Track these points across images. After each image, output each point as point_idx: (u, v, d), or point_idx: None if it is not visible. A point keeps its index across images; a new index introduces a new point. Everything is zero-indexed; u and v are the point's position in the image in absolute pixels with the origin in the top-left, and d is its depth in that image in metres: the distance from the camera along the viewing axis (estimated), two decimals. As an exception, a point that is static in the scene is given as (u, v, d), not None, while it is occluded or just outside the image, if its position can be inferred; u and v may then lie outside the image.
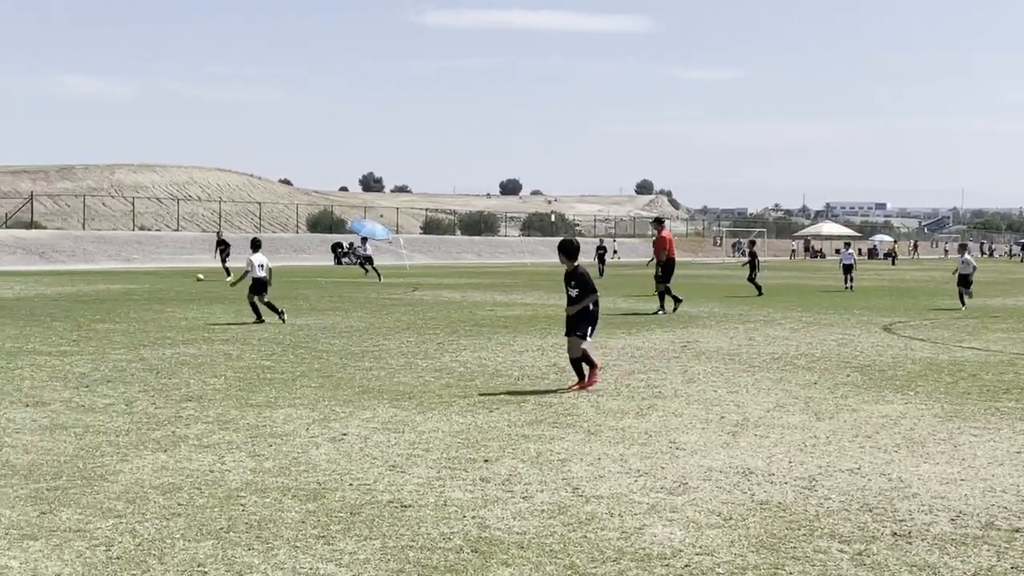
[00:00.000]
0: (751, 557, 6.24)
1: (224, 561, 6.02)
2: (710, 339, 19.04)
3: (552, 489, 7.79)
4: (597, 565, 6.04)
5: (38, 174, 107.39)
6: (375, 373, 13.93)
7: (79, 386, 12.50)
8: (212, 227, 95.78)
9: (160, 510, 7.07)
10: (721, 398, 12.21)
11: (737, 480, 8.18)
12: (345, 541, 6.43)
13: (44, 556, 6.05)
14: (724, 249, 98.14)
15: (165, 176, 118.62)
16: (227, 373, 13.72)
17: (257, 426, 10.11)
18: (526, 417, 10.77)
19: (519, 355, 16.15)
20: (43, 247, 62.53)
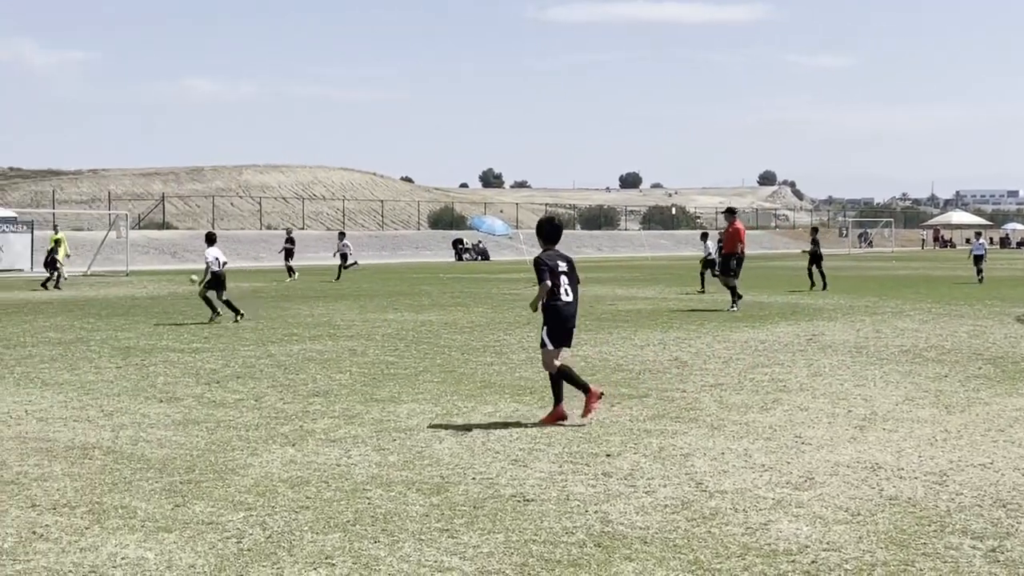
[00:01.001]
0: (880, 553, 6.12)
1: (351, 553, 6.11)
2: (836, 332, 18.71)
3: (675, 484, 7.75)
4: (722, 561, 5.99)
5: (169, 176, 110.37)
6: (496, 368, 14.00)
7: (210, 382, 12.82)
8: (336, 225, 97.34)
9: (289, 503, 7.22)
10: (848, 392, 11.99)
11: (865, 475, 8.03)
12: (469, 534, 6.48)
13: (178, 548, 6.23)
14: (850, 240, 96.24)
15: (290, 176, 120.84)
16: (352, 369, 13.93)
17: (381, 421, 10.25)
18: (648, 412, 10.72)
19: (640, 349, 16.07)
20: (174, 247, 64.27)
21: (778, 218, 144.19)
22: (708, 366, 14.12)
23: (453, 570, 5.83)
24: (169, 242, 65.89)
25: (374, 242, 77.93)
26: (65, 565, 5.89)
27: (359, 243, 76.11)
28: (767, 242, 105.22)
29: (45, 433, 9.65)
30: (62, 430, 9.80)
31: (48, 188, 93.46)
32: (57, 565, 5.89)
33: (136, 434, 9.63)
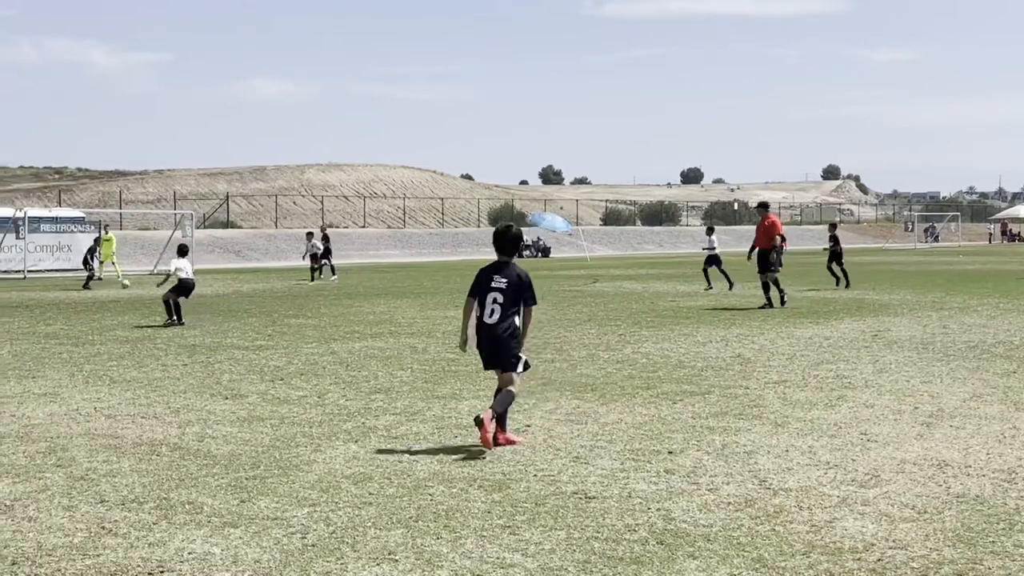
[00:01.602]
0: (947, 552, 6.04)
1: (414, 549, 6.15)
2: (902, 327, 18.48)
3: (738, 481, 7.70)
4: (786, 559, 5.94)
5: (233, 176, 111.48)
6: (557, 365, 14.00)
7: (274, 379, 12.94)
8: (397, 223, 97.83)
9: (352, 499, 7.27)
10: (914, 388, 11.84)
11: (932, 472, 7.93)
12: (531, 531, 6.48)
13: (244, 543, 6.30)
14: (916, 234, 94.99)
15: (352, 175, 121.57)
16: (413, 366, 13.99)
17: (443, 417, 10.29)
18: (710, 409, 10.67)
19: (702, 346, 15.99)
20: (239, 245, 64.97)
21: (842, 213, 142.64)
22: (771, 363, 14.01)
23: (515, 567, 5.84)
24: (233, 241, 66.62)
25: (434, 240, 78.23)
26: (133, 560, 5.98)
27: (420, 241, 76.55)
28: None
29: (113, 430, 9.80)
30: (130, 427, 9.95)
31: (115, 188, 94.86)
32: (126, 560, 5.99)
33: (202, 431, 9.75)
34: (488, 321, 8.88)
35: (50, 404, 11.21)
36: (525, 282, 8.93)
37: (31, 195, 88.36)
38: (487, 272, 8.99)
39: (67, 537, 6.42)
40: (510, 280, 8.88)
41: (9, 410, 10.83)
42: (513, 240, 9.16)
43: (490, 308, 8.86)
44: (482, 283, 8.96)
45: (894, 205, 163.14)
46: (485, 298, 8.91)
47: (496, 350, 8.93)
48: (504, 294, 8.86)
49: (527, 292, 8.93)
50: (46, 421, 10.24)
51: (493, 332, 8.87)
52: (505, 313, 8.85)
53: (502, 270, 8.94)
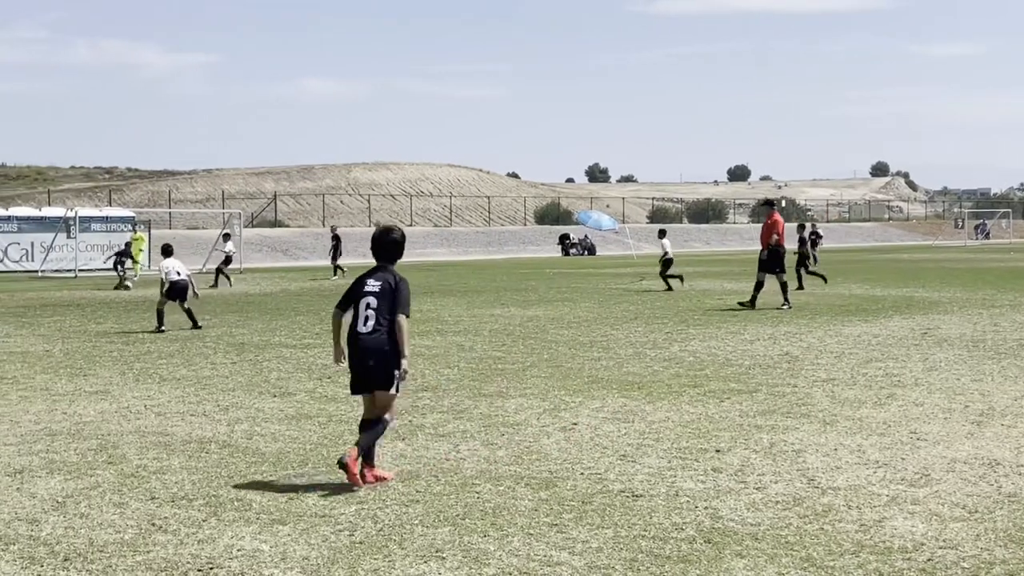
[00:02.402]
0: (998, 551, 5.97)
1: (461, 547, 6.16)
2: (952, 325, 18.29)
3: (787, 480, 7.65)
4: (835, 558, 5.90)
5: (280, 175, 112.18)
6: (604, 363, 13.98)
7: (322, 377, 13.01)
8: (444, 222, 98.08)
9: (399, 496, 7.30)
10: (965, 387, 11.72)
11: (983, 472, 7.84)
12: (578, 529, 6.48)
13: (292, 540, 6.34)
14: (966, 231, 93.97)
15: (398, 173, 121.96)
16: (460, 364, 14.02)
17: (490, 415, 10.30)
18: (758, 407, 10.61)
19: (750, 344, 15.90)
20: (286, 244, 65.40)
21: (891, 210, 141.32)
22: (819, 361, 13.91)
23: (562, 565, 5.84)
24: (280, 240, 67.09)
25: (481, 238, 78.35)
26: (183, 556, 6.04)
27: (466, 239, 76.70)
28: (880, 234, 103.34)
29: (163, 427, 9.90)
30: (179, 424, 10.04)
31: (164, 188, 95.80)
32: (175, 556, 6.05)
33: (251, 428, 9.83)
34: (361, 330, 7.80)
35: (101, 402, 11.35)
36: (398, 287, 7.87)
37: (82, 195, 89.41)
38: (361, 278, 8.03)
39: (118, 534, 6.49)
40: (383, 284, 7.88)
41: (61, 408, 10.97)
42: (390, 245, 8.10)
43: (363, 315, 7.82)
44: (355, 290, 7.97)
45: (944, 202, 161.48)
46: (358, 305, 7.88)
47: (367, 364, 7.75)
48: (378, 298, 7.83)
49: (399, 299, 7.84)
50: (97, 419, 10.36)
51: (366, 343, 7.76)
52: (380, 321, 7.77)
53: (376, 274, 8.00)
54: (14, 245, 46.08)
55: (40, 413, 10.67)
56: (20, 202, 70.42)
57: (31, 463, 8.43)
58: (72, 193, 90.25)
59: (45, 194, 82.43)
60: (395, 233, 8.22)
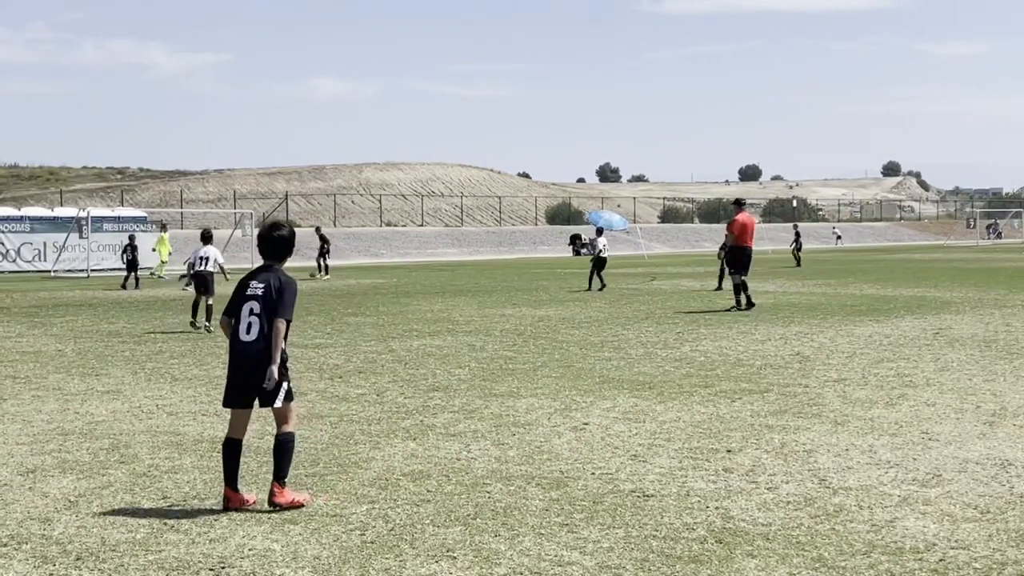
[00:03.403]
0: (1010, 552, 5.95)
1: (472, 547, 6.17)
2: (964, 325, 18.24)
3: (798, 480, 7.64)
4: (846, 558, 5.89)
5: (292, 175, 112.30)
6: (615, 363, 13.97)
7: (333, 377, 13.03)
8: (455, 222, 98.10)
9: (410, 496, 7.31)
10: (977, 387, 11.69)
11: (995, 472, 7.82)
12: (589, 529, 6.48)
13: (304, 539, 6.35)
14: (977, 231, 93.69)
15: (409, 173, 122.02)
16: (471, 364, 14.03)
17: (501, 415, 10.30)
18: (769, 407, 10.60)
19: (761, 344, 15.88)
20: (297, 244, 65.17)
21: (903, 210, 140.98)
22: (831, 361, 13.89)
23: (573, 564, 5.84)
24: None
25: (492, 238, 78.36)
26: (195, 556, 6.06)
27: (477, 239, 76.72)
28: (892, 234, 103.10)
29: (175, 427, 9.92)
30: (191, 424, 10.07)
31: (176, 188, 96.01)
32: (187, 556, 6.06)
33: (262, 428, 9.83)
34: (244, 338, 7.11)
35: (113, 401, 11.38)
36: (282, 288, 7.21)
37: (94, 195, 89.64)
38: (244, 280, 7.36)
39: (130, 533, 6.51)
40: (266, 286, 7.19)
41: (73, 407, 11.01)
42: (277, 243, 7.46)
43: (246, 322, 7.12)
44: (238, 294, 7.27)
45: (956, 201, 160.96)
46: (241, 310, 7.17)
47: (249, 376, 7.10)
48: (261, 302, 7.13)
49: (281, 302, 7.15)
50: (109, 418, 10.39)
51: (248, 352, 7.09)
52: (263, 328, 7.10)
53: (260, 275, 7.32)
54: (27, 245, 46.22)
55: (52, 413, 10.70)
56: (33, 202, 70.70)
57: (44, 462, 8.46)
58: (84, 193, 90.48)
59: (57, 194, 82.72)
60: (283, 230, 7.54)
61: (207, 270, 19.24)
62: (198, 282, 19.36)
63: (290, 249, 7.54)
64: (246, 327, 7.12)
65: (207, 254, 19.36)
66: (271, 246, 7.42)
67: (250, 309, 7.15)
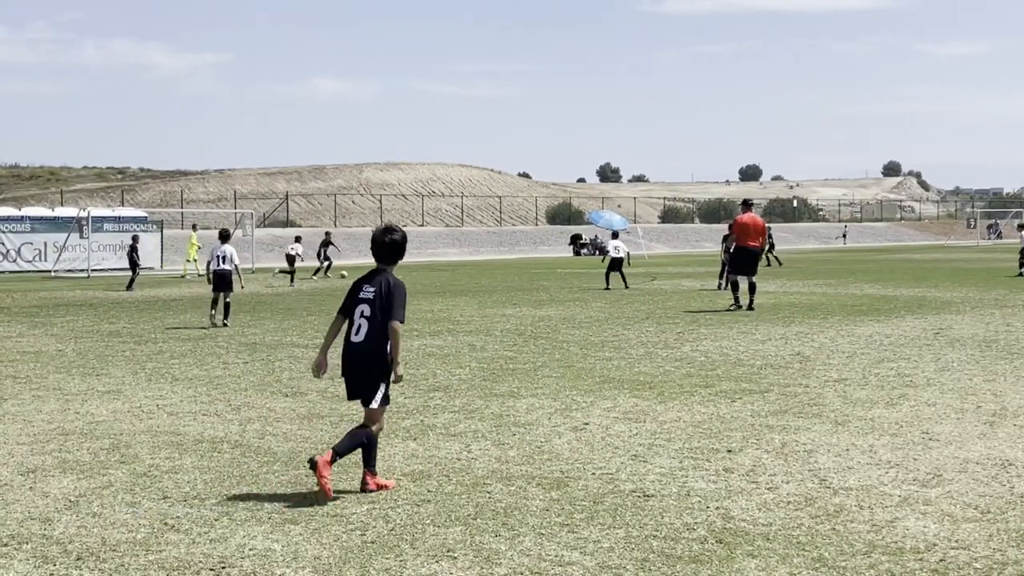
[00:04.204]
0: (1011, 552, 5.95)
1: (472, 547, 6.17)
2: (965, 325, 18.24)
3: (798, 480, 7.64)
4: (847, 558, 5.89)
5: (292, 175, 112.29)
6: (615, 363, 13.97)
7: (334, 377, 12.98)
8: (455, 222, 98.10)
9: (411, 496, 7.31)
10: (977, 387, 11.69)
11: (995, 472, 7.82)
12: (589, 529, 6.48)
13: (304, 539, 6.35)
14: (978, 231, 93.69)
15: (410, 173, 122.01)
16: (471, 364, 14.03)
17: (501, 415, 10.30)
18: (770, 407, 10.60)
19: (761, 344, 15.88)
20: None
21: (903, 210, 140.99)
22: (831, 361, 13.89)
23: (574, 564, 5.84)
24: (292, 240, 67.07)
25: (492, 238, 78.36)
26: (195, 556, 6.06)
27: (478, 239, 76.71)
28: (892, 234, 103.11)
29: (175, 427, 9.92)
30: (191, 424, 10.07)
31: (176, 188, 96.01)
32: (188, 556, 6.06)
33: (263, 428, 9.85)
34: (353, 339, 7.53)
35: (113, 401, 11.38)
36: (391, 291, 7.44)
37: (94, 195, 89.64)
38: (358, 282, 7.65)
39: (130, 533, 6.51)
40: (378, 289, 7.46)
41: (74, 407, 11.01)
42: (390, 247, 7.65)
43: (357, 323, 7.51)
44: (352, 295, 7.60)
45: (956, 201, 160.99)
46: (353, 312, 7.55)
47: (357, 375, 7.56)
48: (372, 306, 7.44)
49: (392, 304, 7.41)
50: (110, 418, 10.39)
51: (355, 352, 7.53)
52: (373, 330, 7.43)
53: (373, 279, 7.58)
54: (27, 245, 46.23)
55: (53, 412, 10.70)
56: (33, 202, 70.72)
57: (44, 462, 8.46)
58: (85, 193, 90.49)
59: (58, 194, 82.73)
60: (396, 234, 7.73)
61: (225, 268, 19.84)
62: (216, 280, 19.87)
63: (402, 252, 7.75)
64: (356, 329, 7.50)
65: (224, 252, 20.01)
66: (384, 250, 7.66)
67: (361, 312, 7.49)
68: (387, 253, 7.65)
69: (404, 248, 7.77)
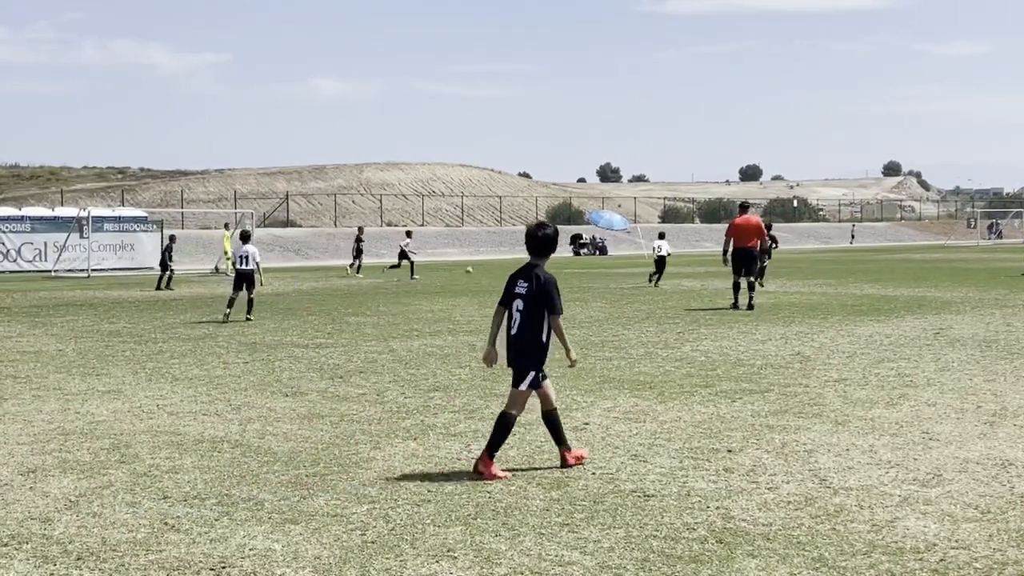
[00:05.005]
0: (1011, 552, 5.96)
1: (473, 547, 6.17)
2: (965, 325, 18.24)
3: (798, 480, 7.64)
4: (847, 558, 5.89)
5: (292, 175, 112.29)
6: (615, 363, 13.97)
7: (334, 377, 13.03)
8: (455, 222, 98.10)
9: (411, 496, 7.31)
10: (977, 387, 11.69)
11: (995, 472, 7.82)
12: (589, 529, 6.48)
13: (304, 539, 6.35)
14: (978, 231, 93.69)
15: (410, 173, 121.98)
16: (471, 364, 14.03)
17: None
18: (770, 407, 10.60)
19: (762, 344, 15.88)
20: (298, 244, 65.47)
21: (903, 209, 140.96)
22: (831, 361, 13.89)
23: (574, 564, 5.84)
24: (292, 240, 67.14)
25: (492, 238, 78.34)
26: (195, 556, 6.06)
27: (478, 239, 76.72)
28: (892, 234, 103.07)
29: (176, 427, 9.93)
30: (192, 424, 10.07)
31: (177, 188, 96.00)
32: (188, 556, 6.06)
33: (263, 428, 9.85)
34: (511, 333, 8.09)
35: (114, 401, 11.38)
36: (543, 287, 7.97)
37: (94, 195, 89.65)
38: (513, 277, 8.19)
39: (130, 533, 6.51)
40: (531, 285, 8.00)
41: (74, 407, 11.01)
42: (543, 241, 8.15)
43: (513, 317, 8.09)
44: (508, 290, 8.15)
45: (956, 201, 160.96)
46: (511, 307, 8.12)
47: (515, 365, 8.11)
48: (524, 300, 8.00)
49: (545, 298, 7.96)
50: (110, 418, 10.40)
51: (512, 344, 8.09)
52: (525, 322, 7.99)
53: (526, 274, 8.11)
54: (27, 245, 46.20)
55: (53, 412, 10.70)
56: (33, 202, 70.68)
57: (44, 462, 8.46)
58: (85, 193, 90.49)
59: (58, 194, 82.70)
60: (548, 229, 8.26)
61: (247, 268, 21.04)
62: (239, 278, 21.11)
63: (553, 246, 8.27)
64: (513, 323, 8.09)
65: (247, 252, 21.16)
66: (537, 244, 8.16)
67: (516, 306, 8.07)
68: (539, 247, 8.15)
69: (556, 242, 8.30)
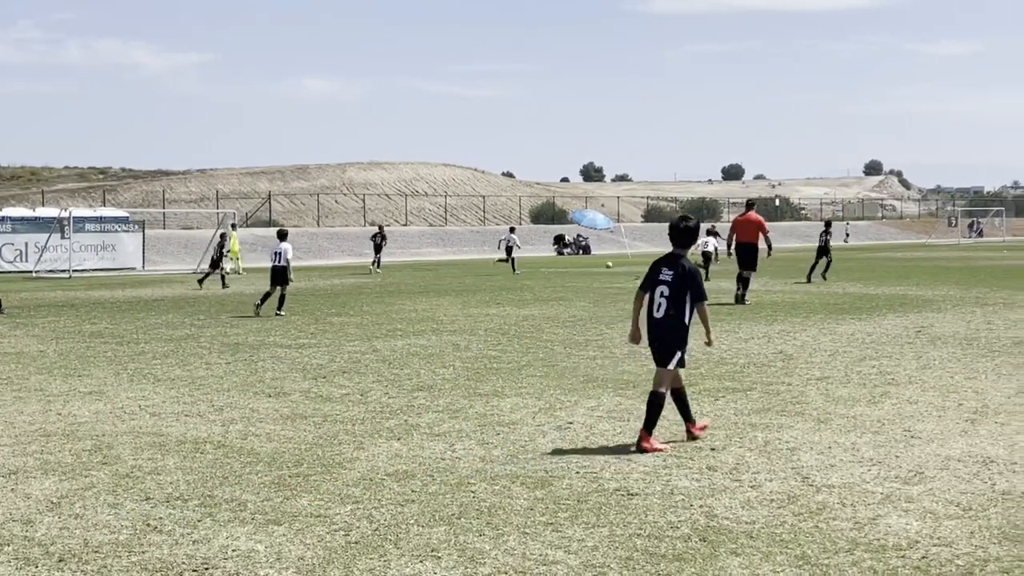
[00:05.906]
0: (992, 549, 5.99)
1: (457, 546, 6.17)
2: (946, 323, 18.32)
3: (781, 478, 7.67)
4: (829, 556, 5.91)
5: (275, 175, 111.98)
6: (599, 362, 13.99)
7: (317, 377, 13.01)
8: (439, 221, 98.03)
9: (395, 496, 7.30)
10: (958, 384, 11.74)
11: (977, 469, 7.86)
12: (573, 528, 6.49)
13: (287, 540, 6.34)
14: (959, 230, 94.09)
15: (393, 173, 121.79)
16: (455, 363, 14.02)
17: (485, 415, 10.31)
18: (753, 405, 10.62)
19: (745, 343, 15.92)
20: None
21: (885, 208, 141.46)
22: (814, 359, 13.93)
23: (558, 563, 5.84)
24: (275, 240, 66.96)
25: (476, 237, 78.29)
26: (178, 557, 6.04)
27: (461, 239, 76.71)
28: (874, 233, 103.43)
29: (158, 428, 9.89)
30: (174, 424, 10.04)
31: (158, 188, 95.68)
32: (171, 557, 6.05)
33: (245, 428, 9.83)
34: (656, 316, 8.76)
35: (95, 402, 11.34)
36: (687, 275, 8.71)
37: (76, 195, 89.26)
38: (658, 264, 8.88)
39: (113, 534, 6.49)
40: (676, 273, 8.71)
41: (55, 408, 10.96)
42: (685, 232, 8.87)
43: (657, 302, 8.76)
44: (652, 276, 8.84)
45: (937, 200, 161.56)
46: (654, 291, 8.80)
47: (659, 345, 8.77)
48: (670, 287, 8.70)
49: (691, 285, 8.71)
50: (92, 419, 10.35)
51: (659, 327, 8.76)
52: (671, 307, 8.71)
53: (671, 263, 8.80)
54: (8, 246, 45.99)
55: (34, 414, 10.66)
56: (14, 202, 70.38)
57: (26, 464, 8.42)
58: (66, 193, 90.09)
59: (39, 194, 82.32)
60: (690, 221, 9.00)
61: (282, 264, 22.06)
62: (275, 274, 22.16)
63: (695, 237, 9.05)
64: (657, 306, 8.76)
65: (281, 250, 22.26)
66: (679, 235, 8.90)
67: (661, 292, 8.74)
68: (682, 237, 8.88)
69: (697, 233, 9.06)
